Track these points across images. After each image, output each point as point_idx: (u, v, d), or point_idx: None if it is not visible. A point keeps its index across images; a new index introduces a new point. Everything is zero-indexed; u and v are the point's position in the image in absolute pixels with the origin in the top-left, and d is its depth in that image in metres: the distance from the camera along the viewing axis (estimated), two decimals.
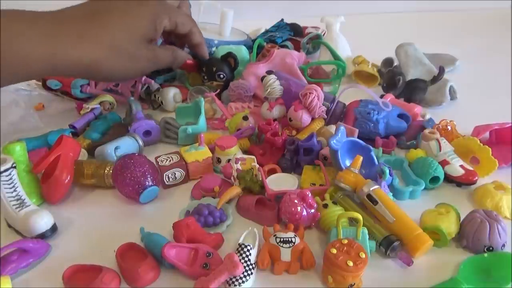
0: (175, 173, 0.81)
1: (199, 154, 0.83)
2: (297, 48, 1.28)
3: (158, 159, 0.83)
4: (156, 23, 0.75)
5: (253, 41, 1.26)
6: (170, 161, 0.82)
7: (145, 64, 0.76)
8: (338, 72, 1.13)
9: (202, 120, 0.93)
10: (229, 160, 0.83)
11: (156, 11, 0.75)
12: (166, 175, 0.81)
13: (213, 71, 1.04)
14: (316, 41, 1.28)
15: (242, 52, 1.15)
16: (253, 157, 0.84)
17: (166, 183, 0.81)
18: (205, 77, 1.06)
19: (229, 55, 1.05)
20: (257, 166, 0.81)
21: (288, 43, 1.28)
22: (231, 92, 1.05)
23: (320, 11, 1.33)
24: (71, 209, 0.78)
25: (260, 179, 0.78)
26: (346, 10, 1.42)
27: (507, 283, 0.61)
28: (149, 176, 0.75)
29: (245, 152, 0.89)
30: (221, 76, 1.04)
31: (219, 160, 0.85)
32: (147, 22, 0.73)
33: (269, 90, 0.94)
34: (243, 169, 0.80)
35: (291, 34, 1.33)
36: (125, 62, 0.71)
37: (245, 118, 0.92)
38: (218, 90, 1.06)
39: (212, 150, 0.86)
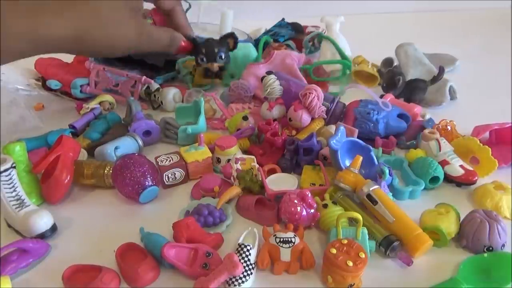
0: (175, 173, 0.81)
1: (199, 154, 0.83)
2: (299, 46, 1.28)
3: (158, 159, 0.83)
4: None
5: (256, 40, 1.27)
6: (170, 161, 0.82)
7: (133, 36, 0.72)
8: (344, 71, 1.12)
9: (201, 120, 0.93)
10: (229, 160, 0.83)
11: None
12: (166, 175, 0.81)
13: (214, 51, 0.99)
14: (323, 36, 1.26)
15: (250, 50, 1.15)
16: (253, 157, 0.84)
17: (166, 183, 0.81)
18: (204, 59, 0.99)
19: (230, 35, 1.00)
20: (257, 166, 0.81)
21: (291, 42, 1.28)
22: (231, 93, 1.05)
23: (320, 11, 1.33)
24: (71, 209, 0.78)
25: (260, 179, 0.78)
26: (346, 10, 1.42)
27: (507, 283, 0.61)
28: (148, 176, 0.75)
29: (245, 152, 0.89)
30: (222, 56, 1.00)
31: (219, 160, 0.85)
32: None
33: (268, 90, 0.94)
34: (243, 169, 0.80)
35: (292, 33, 1.33)
36: (111, 30, 0.68)
37: (245, 118, 0.92)
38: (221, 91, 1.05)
39: (212, 150, 0.86)
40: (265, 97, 0.96)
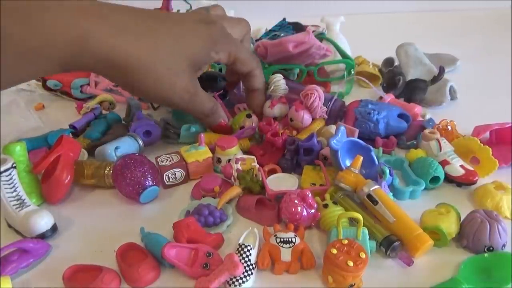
0: (175, 173, 0.81)
1: (199, 154, 0.83)
2: None
3: (158, 159, 0.83)
4: (211, 50, 0.62)
5: (256, 40, 1.27)
6: (170, 161, 0.82)
7: (181, 92, 0.61)
8: (349, 71, 1.12)
9: None
10: (229, 160, 0.83)
11: (217, 39, 0.63)
12: (166, 175, 0.81)
13: None
14: (323, 37, 1.26)
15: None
16: (253, 157, 0.84)
17: (166, 183, 0.81)
18: None
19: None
20: (257, 166, 0.81)
21: None
22: (232, 95, 1.04)
23: (320, 11, 1.33)
24: (71, 209, 0.78)
25: (261, 179, 0.78)
26: (346, 10, 1.43)
27: (507, 283, 0.61)
28: (149, 176, 0.75)
29: (246, 152, 0.88)
30: None
31: (219, 160, 0.85)
32: (202, 44, 0.61)
33: (273, 87, 0.94)
34: (243, 169, 0.80)
35: (293, 33, 1.33)
36: (163, 72, 0.58)
37: (249, 116, 0.92)
38: (221, 91, 1.04)
39: (212, 150, 0.86)
40: (269, 94, 0.96)
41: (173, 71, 0.60)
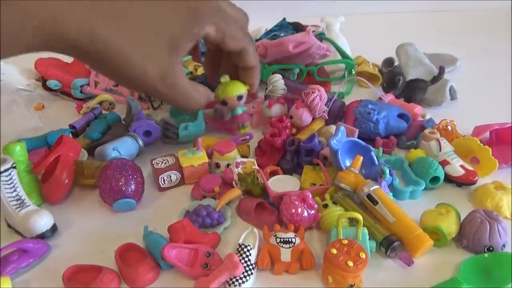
0: (170, 176, 0.81)
1: (195, 159, 0.81)
2: None
3: (153, 162, 0.82)
4: (194, 25, 0.51)
5: (256, 40, 1.27)
6: (165, 163, 0.81)
7: (155, 79, 0.49)
8: (350, 71, 1.12)
9: (200, 116, 0.92)
10: (228, 165, 0.82)
11: (201, 11, 0.52)
12: (161, 177, 0.80)
13: None
14: (323, 37, 1.26)
15: None
16: (253, 160, 0.83)
17: (162, 185, 0.81)
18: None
19: None
20: (257, 168, 0.80)
21: None
22: None
23: (320, 11, 1.33)
24: (71, 209, 0.78)
25: (261, 181, 0.78)
26: (346, 10, 1.42)
27: (507, 283, 0.61)
28: (130, 186, 0.74)
29: (244, 158, 0.87)
30: None
31: (218, 165, 0.83)
32: (184, 18, 0.50)
33: (271, 87, 0.94)
34: (244, 172, 0.79)
35: (293, 33, 1.33)
36: (133, 55, 0.48)
37: (240, 98, 0.78)
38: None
39: (209, 155, 0.84)
40: (267, 94, 0.96)
41: (146, 54, 0.49)
